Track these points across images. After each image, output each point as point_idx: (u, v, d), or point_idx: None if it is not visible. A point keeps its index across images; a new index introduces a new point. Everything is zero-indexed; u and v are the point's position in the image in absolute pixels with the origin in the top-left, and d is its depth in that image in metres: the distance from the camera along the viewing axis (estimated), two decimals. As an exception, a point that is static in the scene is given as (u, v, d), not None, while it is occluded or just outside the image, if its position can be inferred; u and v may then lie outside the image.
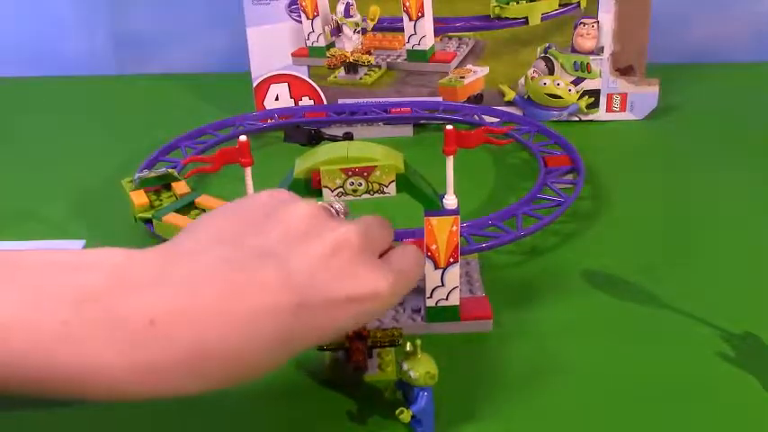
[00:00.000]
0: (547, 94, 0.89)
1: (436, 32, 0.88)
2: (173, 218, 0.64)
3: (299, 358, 0.54)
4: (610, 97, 0.89)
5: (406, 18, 0.87)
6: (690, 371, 0.52)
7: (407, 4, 0.86)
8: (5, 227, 0.72)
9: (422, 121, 0.90)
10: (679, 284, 0.60)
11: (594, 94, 0.89)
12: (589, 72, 0.88)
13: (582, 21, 0.87)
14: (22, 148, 0.91)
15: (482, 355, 0.54)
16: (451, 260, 0.53)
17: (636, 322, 0.57)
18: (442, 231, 0.52)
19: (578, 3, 0.86)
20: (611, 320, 0.57)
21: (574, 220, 0.69)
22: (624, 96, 0.89)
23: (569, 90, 0.89)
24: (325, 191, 0.50)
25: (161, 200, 0.69)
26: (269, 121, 0.89)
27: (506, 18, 0.87)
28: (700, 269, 0.63)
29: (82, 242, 0.69)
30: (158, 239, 0.66)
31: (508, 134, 0.81)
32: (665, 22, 0.96)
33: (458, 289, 0.54)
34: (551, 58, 0.88)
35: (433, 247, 0.52)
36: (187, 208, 0.67)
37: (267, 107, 0.91)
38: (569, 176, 0.75)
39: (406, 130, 0.89)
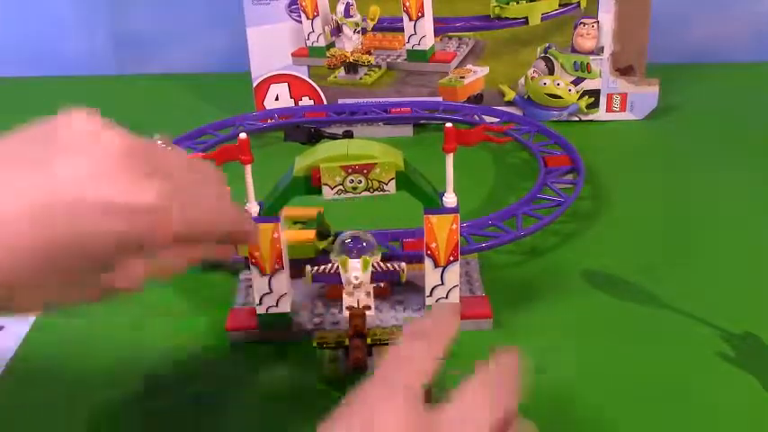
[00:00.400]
0: (547, 94, 0.89)
1: (436, 32, 0.88)
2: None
3: (299, 358, 0.54)
4: (610, 97, 0.89)
5: (406, 18, 0.87)
6: (690, 371, 0.52)
7: (407, 4, 0.86)
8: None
9: (422, 121, 0.90)
10: (679, 284, 0.60)
11: (594, 94, 0.89)
12: (589, 72, 0.88)
13: (582, 21, 0.87)
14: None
15: (481, 355, 0.54)
16: (451, 258, 0.53)
17: (636, 322, 0.57)
18: (442, 229, 0.52)
19: (578, 3, 0.86)
20: (610, 320, 0.57)
21: (574, 220, 0.69)
22: (624, 96, 0.89)
23: (569, 90, 0.89)
24: (324, 188, 0.50)
25: (161, 199, 0.69)
26: (269, 120, 0.89)
27: (506, 18, 0.87)
28: (700, 269, 0.63)
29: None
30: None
31: (507, 132, 0.81)
32: (665, 22, 0.96)
33: (458, 288, 0.54)
34: (551, 58, 0.88)
35: (433, 245, 0.52)
36: (187, 207, 0.67)
37: (267, 107, 0.92)
38: (569, 176, 0.75)
39: (406, 130, 0.89)
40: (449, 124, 0.50)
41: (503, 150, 0.83)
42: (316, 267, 0.54)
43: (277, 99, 0.91)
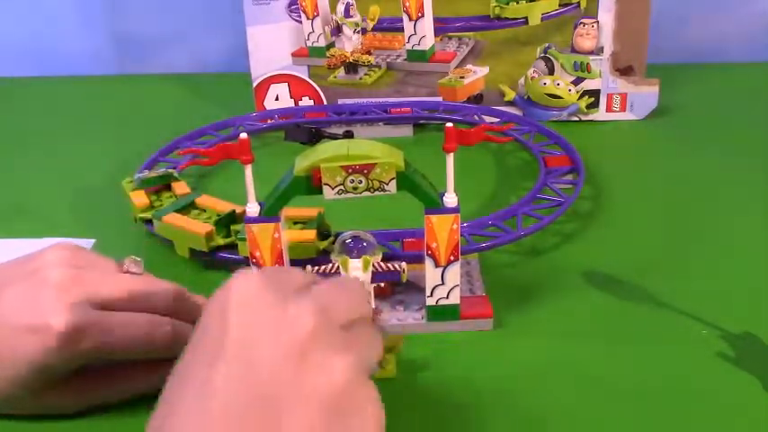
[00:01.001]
0: (547, 94, 0.89)
1: (436, 32, 0.88)
2: (173, 218, 0.64)
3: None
4: (610, 97, 0.89)
5: (405, 18, 0.87)
6: (690, 371, 0.52)
7: (407, 4, 0.86)
8: (5, 227, 0.72)
9: (422, 122, 0.90)
10: (679, 284, 0.60)
11: (594, 94, 0.89)
12: (589, 72, 0.88)
13: (582, 21, 0.87)
14: (23, 148, 0.91)
15: (482, 354, 0.54)
16: (452, 258, 0.53)
17: (635, 322, 0.57)
18: (443, 229, 0.52)
19: (578, 3, 0.86)
20: (610, 320, 0.57)
21: (574, 220, 0.69)
22: (624, 96, 0.89)
23: (569, 90, 0.89)
24: (325, 188, 0.50)
25: (161, 200, 0.69)
26: (269, 121, 0.89)
27: (506, 18, 0.87)
28: (700, 269, 0.63)
29: (91, 241, 0.69)
30: (158, 239, 0.66)
31: (507, 132, 0.81)
32: (665, 22, 0.96)
33: (458, 287, 0.54)
34: (551, 58, 0.88)
35: (434, 245, 0.52)
36: (187, 208, 0.67)
37: (267, 107, 0.92)
38: (569, 176, 0.75)
39: (406, 131, 0.89)
40: (449, 124, 0.50)
41: (503, 150, 0.83)
42: (316, 267, 0.54)
43: (277, 99, 0.91)
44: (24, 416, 0.49)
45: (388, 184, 0.50)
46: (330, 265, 0.54)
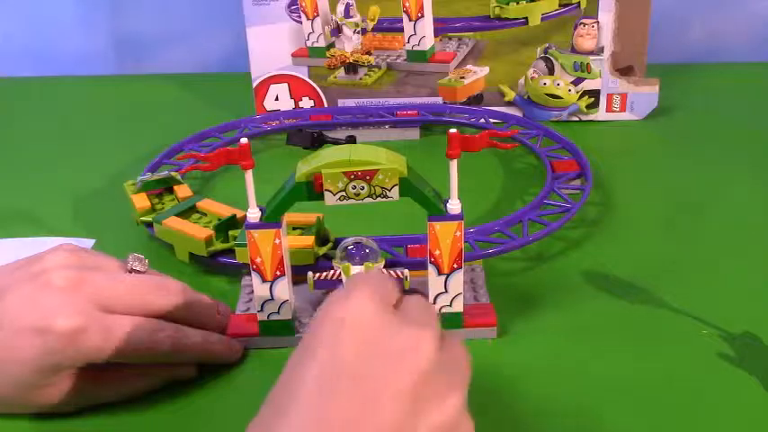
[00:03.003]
0: (547, 94, 0.89)
1: (436, 33, 0.88)
2: (173, 222, 0.64)
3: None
4: (610, 97, 0.89)
5: (405, 18, 0.87)
6: (690, 371, 0.52)
7: (407, 4, 0.86)
8: (5, 227, 0.72)
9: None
10: (682, 286, 0.60)
11: (594, 94, 0.89)
12: (589, 72, 0.88)
13: (582, 21, 0.87)
14: (23, 149, 0.90)
15: (485, 363, 0.54)
16: (455, 266, 0.52)
17: (642, 327, 0.57)
18: (446, 237, 0.51)
19: (578, 3, 0.86)
20: (616, 326, 0.57)
21: (580, 226, 0.69)
22: (624, 96, 0.89)
23: (569, 90, 0.89)
24: (326, 194, 0.50)
25: (163, 203, 0.69)
26: (274, 123, 0.89)
27: (506, 18, 0.87)
28: (700, 269, 0.63)
29: (92, 241, 0.69)
30: (159, 243, 0.66)
31: (514, 137, 0.81)
32: (665, 22, 0.96)
33: (461, 295, 0.54)
34: (551, 58, 0.88)
35: (437, 252, 0.52)
36: (188, 212, 0.67)
37: (267, 107, 0.91)
38: (577, 182, 0.74)
39: (413, 133, 0.89)
40: (453, 129, 0.49)
41: (510, 155, 0.83)
42: (318, 274, 0.54)
43: (277, 99, 0.91)
44: (24, 416, 0.49)
45: (390, 191, 0.50)
46: (332, 271, 0.54)
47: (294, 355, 0.38)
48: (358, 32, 0.88)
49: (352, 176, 0.49)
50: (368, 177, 0.49)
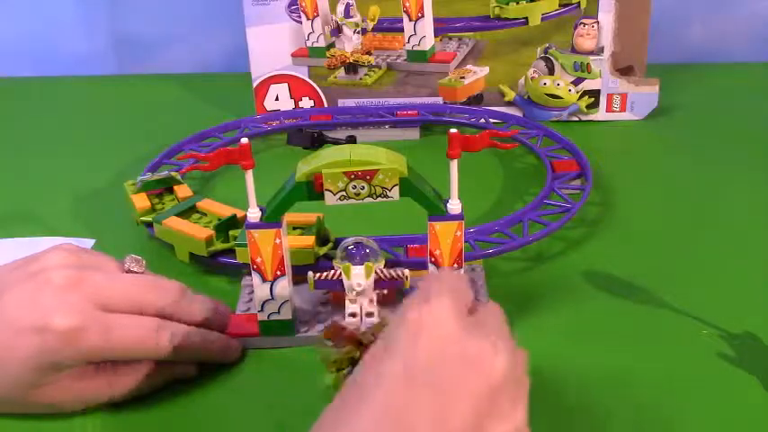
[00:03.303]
0: (547, 94, 0.89)
1: (436, 33, 0.88)
2: (173, 222, 0.64)
3: (301, 364, 0.53)
4: (610, 97, 0.90)
5: (406, 18, 0.87)
6: (690, 371, 0.52)
7: (407, 4, 0.86)
8: (5, 228, 0.72)
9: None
10: (683, 286, 0.60)
11: (594, 94, 0.89)
12: (589, 72, 0.88)
13: (582, 21, 0.87)
14: (23, 149, 0.90)
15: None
16: (455, 266, 0.52)
17: (641, 327, 0.57)
18: (446, 236, 0.51)
19: (578, 3, 0.86)
20: (616, 326, 0.57)
21: (579, 226, 0.69)
22: (624, 96, 0.89)
23: (569, 90, 0.89)
24: (327, 194, 0.50)
25: (163, 203, 0.69)
26: (274, 123, 0.89)
27: (506, 18, 0.87)
28: (702, 269, 0.63)
29: (91, 241, 0.69)
30: (159, 242, 0.66)
31: (514, 137, 0.81)
32: (665, 22, 0.96)
33: None
34: (551, 58, 0.88)
35: (437, 252, 0.52)
36: (188, 212, 0.67)
37: (267, 107, 0.91)
38: (577, 182, 0.74)
39: (413, 133, 0.89)
40: (453, 130, 0.49)
41: (510, 155, 0.83)
42: (318, 274, 0.54)
43: (277, 99, 0.91)
44: (24, 415, 0.49)
45: (390, 191, 0.50)
46: (332, 271, 0.54)
47: (370, 356, 0.39)
48: (358, 32, 0.88)
49: (353, 176, 0.49)
50: (368, 177, 0.49)
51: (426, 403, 0.35)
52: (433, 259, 0.52)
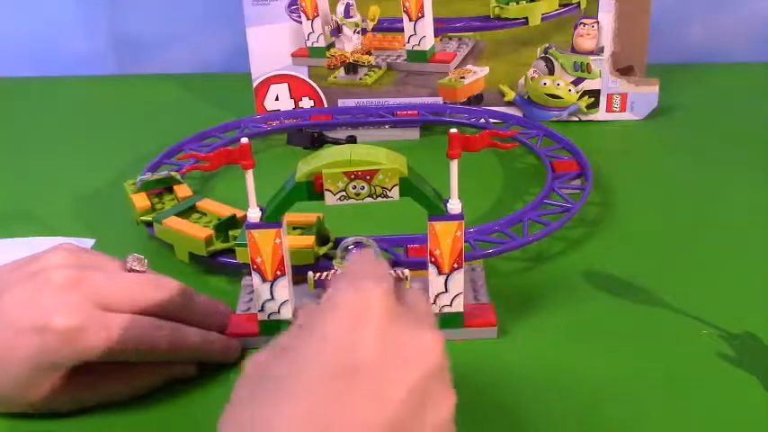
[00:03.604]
0: (547, 94, 0.89)
1: (436, 33, 0.88)
2: (173, 221, 0.64)
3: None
4: (610, 97, 0.90)
5: (405, 18, 0.87)
6: (690, 371, 0.52)
7: (407, 4, 0.86)
8: (5, 228, 0.72)
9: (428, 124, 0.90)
10: (682, 286, 0.60)
11: (594, 94, 0.89)
12: (589, 72, 0.88)
13: (582, 21, 0.87)
14: (23, 149, 0.90)
15: (486, 362, 0.54)
16: (455, 266, 0.52)
17: (641, 327, 0.57)
18: (446, 236, 0.51)
19: (578, 3, 0.86)
20: (616, 326, 0.57)
21: (580, 226, 0.69)
22: (624, 96, 0.89)
23: (569, 90, 0.89)
24: (327, 194, 0.50)
25: (163, 202, 0.69)
26: (274, 123, 0.89)
27: (506, 18, 0.87)
28: (702, 269, 0.63)
29: (91, 241, 0.69)
30: (159, 242, 0.66)
31: (514, 137, 0.81)
32: (665, 22, 0.96)
33: (462, 295, 0.54)
34: (551, 58, 0.88)
35: (437, 252, 0.52)
36: (188, 212, 0.67)
37: (267, 107, 0.91)
38: (577, 182, 0.74)
39: (413, 133, 0.89)
40: (453, 129, 0.49)
41: (510, 154, 0.83)
42: (318, 273, 0.54)
43: (277, 99, 0.91)
44: (24, 415, 0.49)
45: (390, 191, 0.50)
46: (332, 271, 0.54)
47: (296, 334, 0.38)
48: (358, 32, 0.88)
49: (353, 176, 0.49)
50: (368, 177, 0.49)
51: (362, 395, 0.35)
52: (432, 259, 0.52)
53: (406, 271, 0.54)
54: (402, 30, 0.88)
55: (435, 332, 0.39)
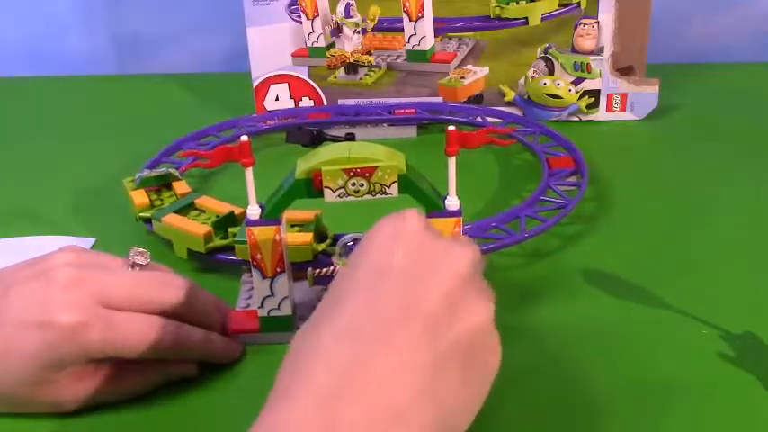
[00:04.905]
0: (547, 94, 0.89)
1: (436, 33, 0.88)
2: (172, 219, 0.64)
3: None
4: (610, 97, 0.90)
5: (406, 18, 0.87)
6: (690, 371, 0.52)
7: (407, 4, 0.86)
8: (6, 227, 0.72)
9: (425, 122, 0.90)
10: (680, 284, 0.60)
11: (594, 94, 0.89)
12: (589, 72, 0.88)
13: (582, 21, 0.87)
14: (23, 149, 0.91)
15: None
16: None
17: (638, 323, 0.57)
18: (445, 233, 0.51)
19: (578, 3, 0.86)
20: (612, 322, 0.57)
21: (576, 222, 0.69)
22: (624, 96, 0.89)
23: (569, 90, 0.89)
24: (326, 191, 0.50)
25: (162, 199, 0.69)
26: (269, 122, 0.89)
27: (506, 18, 0.87)
28: (701, 269, 0.63)
29: (91, 240, 0.69)
30: (157, 239, 0.66)
31: (511, 135, 0.81)
32: (665, 22, 0.96)
33: None
34: (551, 58, 0.88)
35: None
36: (187, 209, 0.67)
37: (267, 107, 0.91)
38: (573, 178, 0.75)
39: (410, 132, 0.89)
40: (451, 127, 0.50)
41: (506, 152, 0.83)
42: (317, 270, 0.54)
43: (277, 99, 0.91)
44: (25, 415, 0.49)
45: (389, 188, 0.50)
46: (331, 267, 0.54)
47: (349, 262, 0.42)
48: (358, 32, 0.88)
49: (352, 173, 0.49)
50: (367, 174, 0.49)
51: (398, 290, 0.39)
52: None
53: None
54: (402, 30, 0.88)
55: (467, 245, 0.43)
